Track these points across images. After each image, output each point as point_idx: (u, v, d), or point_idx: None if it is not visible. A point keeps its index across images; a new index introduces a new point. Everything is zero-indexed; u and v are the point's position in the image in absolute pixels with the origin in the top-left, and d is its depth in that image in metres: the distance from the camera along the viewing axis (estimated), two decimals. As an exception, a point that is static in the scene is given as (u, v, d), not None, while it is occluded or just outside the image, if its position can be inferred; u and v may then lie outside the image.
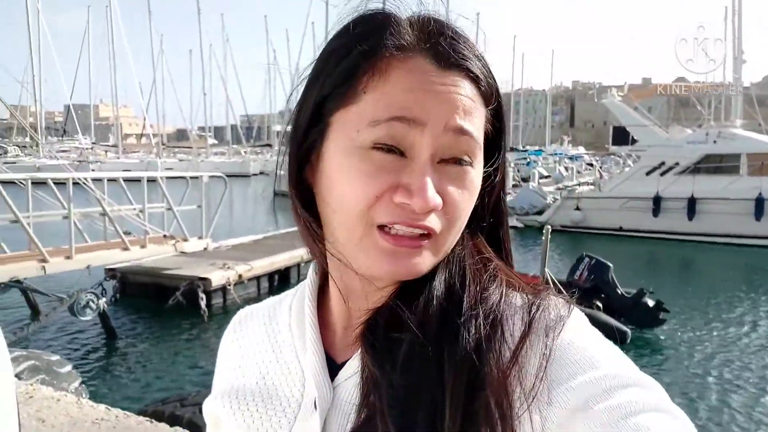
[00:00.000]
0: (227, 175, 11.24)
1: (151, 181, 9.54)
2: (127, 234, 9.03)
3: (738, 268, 14.30)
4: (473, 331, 0.50)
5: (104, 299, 7.90)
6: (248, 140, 63.08)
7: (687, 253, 15.96)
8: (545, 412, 0.46)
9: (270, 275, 10.15)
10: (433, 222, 0.51)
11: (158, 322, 8.61)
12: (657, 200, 17.01)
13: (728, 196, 16.26)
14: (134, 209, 9.31)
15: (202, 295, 8.53)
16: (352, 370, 0.56)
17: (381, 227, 0.51)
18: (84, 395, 4.73)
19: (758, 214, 15.96)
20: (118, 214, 8.96)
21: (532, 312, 0.52)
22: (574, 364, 0.48)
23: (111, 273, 9.30)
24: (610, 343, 0.52)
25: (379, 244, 0.51)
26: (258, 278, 9.84)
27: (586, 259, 8.55)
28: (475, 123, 0.53)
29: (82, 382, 5.23)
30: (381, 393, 0.49)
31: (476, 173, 0.54)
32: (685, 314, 9.44)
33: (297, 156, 0.57)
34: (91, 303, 7.69)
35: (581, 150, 53.26)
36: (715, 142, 17.21)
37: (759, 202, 15.88)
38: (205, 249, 10.01)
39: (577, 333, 0.51)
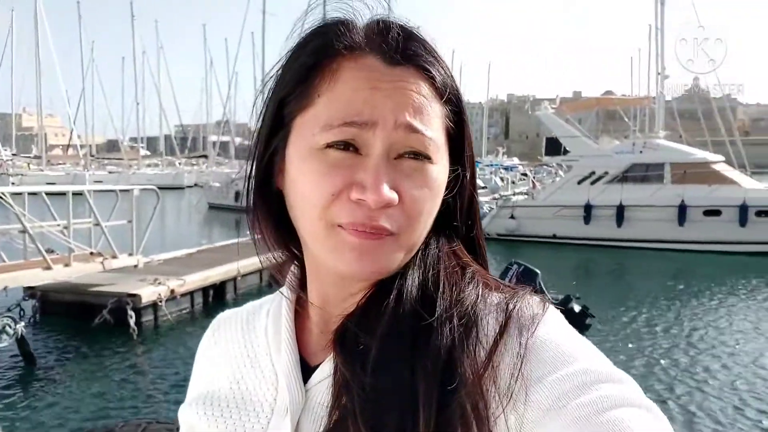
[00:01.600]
0: (160, 188, 10.85)
1: (78, 194, 9.05)
2: (50, 252, 8.50)
3: (664, 271, 14.96)
4: (447, 333, 0.50)
5: (22, 323, 7.37)
6: (183, 151, 61.45)
7: (617, 259, 16.58)
8: (521, 411, 0.46)
9: (204, 290, 9.78)
10: (390, 221, 0.51)
11: (83, 344, 8.12)
12: (588, 208, 17.62)
13: (654, 203, 17.04)
14: (58, 225, 8.80)
15: (131, 313, 8.09)
16: (325, 373, 0.55)
17: (342, 227, 0.52)
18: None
19: (681, 220, 16.77)
20: (40, 230, 8.45)
21: (508, 311, 0.51)
22: (548, 361, 0.48)
23: (30, 292, 8.71)
24: (585, 339, 0.52)
25: (344, 239, 0.52)
26: (192, 293, 9.45)
27: (515, 266, 8.68)
28: (430, 121, 0.52)
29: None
30: (352, 395, 0.49)
31: (438, 171, 0.54)
32: (613, 317, 9.75)
33: (261, 164, 0.58)
34: (7, 328, 7.12)
35: (516, 161, 54.78)
36: (641, 152, 18.05)
37: (682, 209, 16.70)
38: (135, 266, 9.58)
39: (551, 330, 0.51)
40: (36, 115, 53.50)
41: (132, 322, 8.08)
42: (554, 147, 20.92)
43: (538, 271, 7.99)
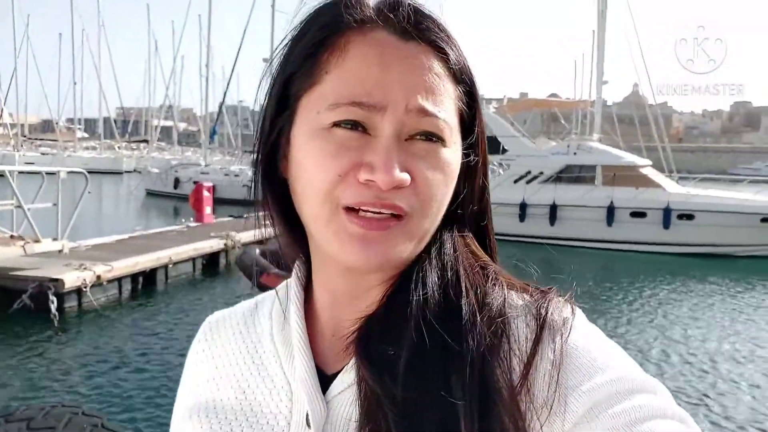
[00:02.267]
0: (98, 172, 10.58)
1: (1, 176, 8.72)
2: (-34, 233, 8.20)
3: (593, 269, 15.56)
4: (478, 338, 0.48)
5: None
6: (123, 135, 59.40)
7: (549, 256, 17.03)
8: (559, 421, 0.45)
9: (134, 276, 9.57)
10: (402, 201, 0.49)
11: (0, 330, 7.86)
12: (523, 206, 18.11)
13: (585, 203, 17.65)
14: (-25, 206, 8.47)
15: (53, 298, 7.86)
16: (346, 383, 0.52)
17: (349, 210, 0.49)
18: None
19: (610, 220, 17.44)
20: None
21: (541, 317, 0.49)
22: (581, 368, 0.47)
23: (-56, 275, 8.37)
24: (615, 344, 0.51)
25: (348, 228, 0.49)
26: (119, 280, 9.25)
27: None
28: (442, 102, 0.50)
29: None
30: (384, 409, 0.46)
31: (451, 153, 0.51)
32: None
33: (266, 146, 0.55)
34: None
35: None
36: (575, 153, 18.68)
37: (610, 210, 17.36)
38: (60, 251, 9.30)
39: (582, 335, 0.50)
40: (-37, 90, 50.53)
41: (53, 307, 7.85)
42: (493, 145, 21.36)
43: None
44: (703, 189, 19.28)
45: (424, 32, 0.50)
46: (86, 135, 64.40)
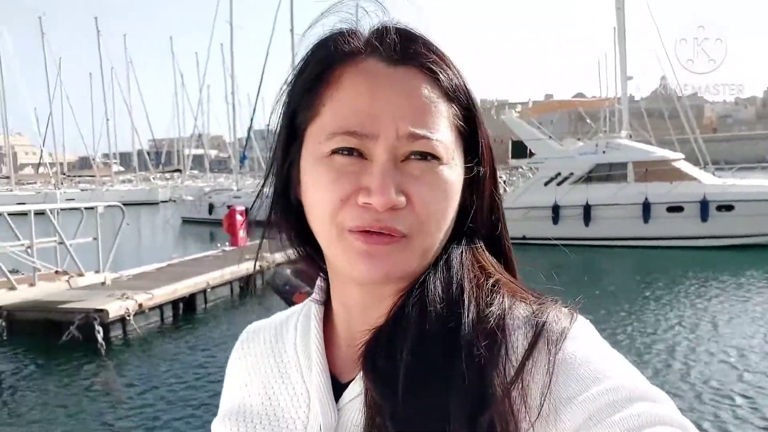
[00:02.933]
0: (134, 204, 10.90)
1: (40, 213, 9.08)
2: (14, 273, 8.53)
3: (631, 268, 15.28)
4: (475, 352, 0.49)
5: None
6: (157, 165, 60.89)
7: (585, 257, 16.82)
8: (552, 431, 0.46)
9: (174, 303, 9.81)
10: (400, 223, 0.51)
11: (51, 361, 8.12)
12: (555, 209, 17.88)
13: (618, 201, 17.34)
14: (21, 245, 8.80)
15: (99, 328, 8.13)
16: (355, 391, 0.55)
17: (352, 231, 0.52)
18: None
19: (646, 216, 17.10)
20: (3, 251, 8.44)
21: (537, 327, 0.50)
22: (579, 379, 0.47)
23: (-4, 312, 8.73)
24: (616, 352, 0.51)
25: (354, 246, 0.52)
26: (161, 307, 9.49)
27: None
28: (434, 123, 0.52)
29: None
30: (385, 418, 0.49)
31: (449, 170, 0.53)
32: (585, 316, 9.93)
33: (281, 175, 0.59)
34: (-29, 349, 7.15)
35: (490, 164, 55.03)
36: (603, 152, 18.39)
37: (645, 206, 17.02)
38: (102, 283, 9.59)
39: (581, 345, 0.50)
40: (3, 134, 52.59)
41: (100, 337, 8.12)
42: (520, 150, 21.22)
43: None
44: (741, 179, 18.79)
45: (412, 57, 0.52)
46: (122, 168, 66.20)
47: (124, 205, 10.71)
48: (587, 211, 17.60)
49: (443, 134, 0.52)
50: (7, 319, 8.82)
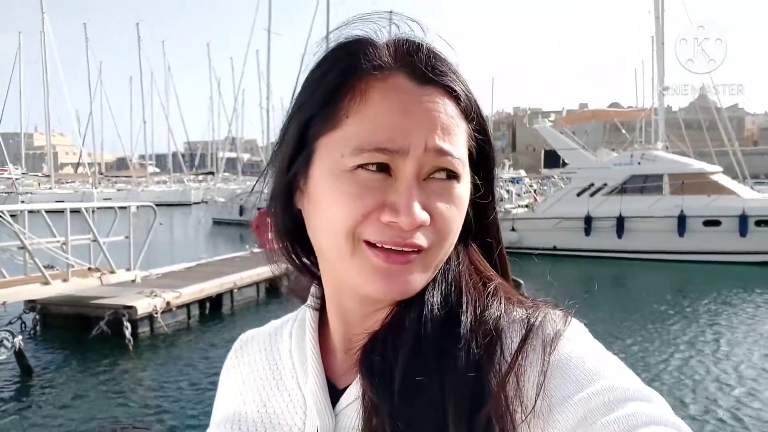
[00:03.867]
0: (168, 204, 11.06)
1: (76, 212, 9.31)
2: (49, 268, 8.74)
3: (665, 282, 14.93)
4: (472, 352, 0.50)
5: (20, 337, 7.54)
6: (191, 168, 62.05)
7: (617, 270, 16.55)
8: (548, 430, 0.46)
9: (201, 302, 9.95)
10: (421, 239, 0.51)
11: (81, 355, 8.30)
12: (588, 220, 17.62)
13: (653, 214, 17.02)
14: (57, 242, 9.02)
15: (128, 324, 8.29)
16: (352, 396, 0.55)
17: (370, 243, 0.51)
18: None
19: (681, 230, 16.73)
20: (39, 247, 8.66)
21: (529, 325, 0.51)
22: (574, 379, 0.47)
23: (30, 305, 8.95)
24: (610, 354, 0.52)
25: (371, 261, 0.51)
26: (188, 305, 9.62)
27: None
28: (456, 141, 0.53)
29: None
30: (383, 420, 0.49)
31: (462, 189, 0.54)
32: (615, 329, 9.74)
33: (284, 183, 0.58)
34: (5, 341, 7.33)
35: (522, 173, 54.80)
36: (639, 163, 18.06)
37: (681, 219, 16.66)
38: (133, 281, 9.76)
39: (575, 346, 0.51)
40: (46, 133, 54.26)
41: (128, 333, 8.27)
42: (553, 159, 20.98)
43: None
44: (781, 193, 18.23)
45: (439, 76, 0.53)
46: (157, 170, 67.76)
47: (158, 205, 10.88)
48: (620, 222, 17.32)
49: (462, 152, 0.54)
50: (41, 313, 9.08)
